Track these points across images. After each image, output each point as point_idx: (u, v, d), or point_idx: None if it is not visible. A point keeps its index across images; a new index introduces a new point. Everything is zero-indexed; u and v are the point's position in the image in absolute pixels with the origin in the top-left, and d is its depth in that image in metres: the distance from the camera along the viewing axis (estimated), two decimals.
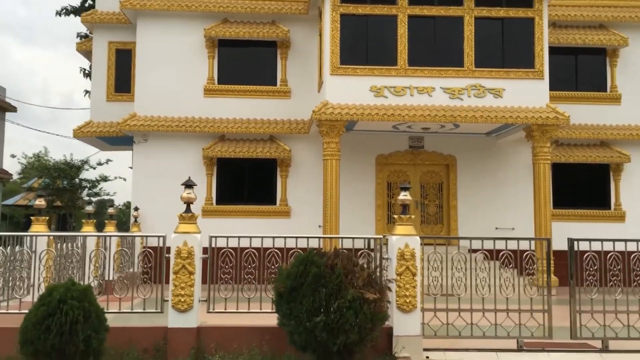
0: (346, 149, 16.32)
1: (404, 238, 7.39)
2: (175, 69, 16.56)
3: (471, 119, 14.32)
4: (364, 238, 7.78)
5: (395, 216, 7.67)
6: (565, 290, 8.46)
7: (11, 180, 41.86)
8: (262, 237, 7.50)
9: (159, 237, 7.83)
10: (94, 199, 41.82)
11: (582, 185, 17.15)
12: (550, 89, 16.71)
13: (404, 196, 7.51)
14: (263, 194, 16.65)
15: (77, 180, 36.99)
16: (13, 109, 31.78)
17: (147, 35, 16.55)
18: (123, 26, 17.34)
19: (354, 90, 14.45)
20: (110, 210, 15.47)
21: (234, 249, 8.04)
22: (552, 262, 14.01)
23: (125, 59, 17.45)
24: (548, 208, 14.62)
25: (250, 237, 7.65)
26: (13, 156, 37.99)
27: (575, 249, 8.34)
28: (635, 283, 8.07)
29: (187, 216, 7.60)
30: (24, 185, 41.22)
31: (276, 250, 7.62)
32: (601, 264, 7.96)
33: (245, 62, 16.80)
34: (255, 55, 16.82)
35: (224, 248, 7.75)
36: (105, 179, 39.89)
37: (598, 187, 17.12)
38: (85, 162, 37.61)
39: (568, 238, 8.18)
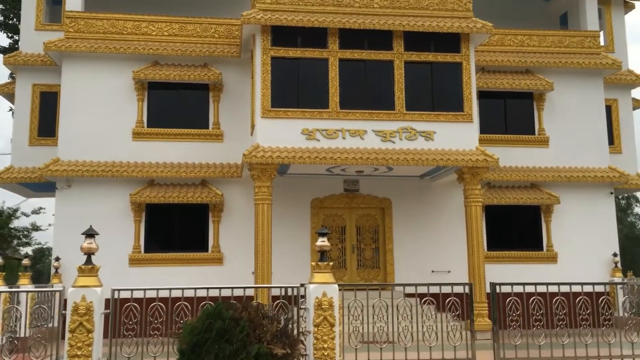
0: (280, 192, 16.03)
1: (322, 286, 7.04)
2: (103, 112, 16.01)
3: (403, 161, 14.29)
4: (280, 287, 7.39)
5: (313, 263, 7.33)
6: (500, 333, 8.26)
7: None
8: (169, 289, 7.02)
9: (54, 291, 7.22)
10: (24, 249, 39.86)
11: (515, 227, 17.30)
12: (481, 132, 17.11)
13: (322, 242, 7.19)
14: (194, 241, 16.04)
15: (5, 229, 35.22)
16: None
17: (72, 78, 15.99)
18: (48, 68, 16.75)
19: (286, 133, 14.26)
20: (25, 261, 14.54)
21: (143, 300, 7.50)
22: (485, 305, 14.10)
23: (50, 102, 16.79)
24: (481, 250, 14.61)
25: (157, 289, 7.15)
26: None
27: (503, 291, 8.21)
28: (558, 327, 7.93)
29: (87, 268, 7.01)
30: None
31: (185, 304, 7.13)
32: (523, 308, 7.80)
33: (176, 105, 16.43)
34: (187, 98, 16.48)
35: (129, 302, 7.20)
36: (37, 228, 38.13)
37: (530, 228, 17.30)
38: (15, 210, 35.92)
39: (490, 282, 8.03)
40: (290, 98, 14.50)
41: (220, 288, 7.17)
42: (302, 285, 7.40)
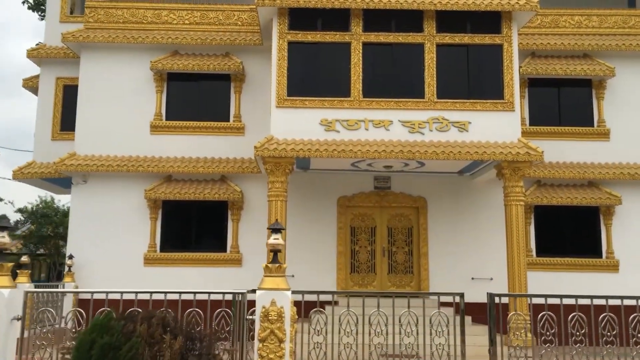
0: (304, 189, 14.97)
1: (270, 293, 5.80)
2: (121, 105, 15.41)
3: (432, 154, 12.77)
4: (222, 293, 6.22)
5: (263, 265, 6.11)
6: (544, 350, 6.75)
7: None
8: (91, 292, 5.99)
9: None
10: None
11: (568, 231, 15.36)
12: (530, 124, 15.42)
13: (275, 240, 5.97)
14: (212, 240, 15.16)
15: (61, 228, 35.85)
16: None
17: (90, 69, 15.49)
18: (71, 61, 16.30)
19: (303, 124, 13.08)
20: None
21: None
22: (527, 317, 12.36)
23: (74, 96, 16.21)
24: (522, 255, 12.83)
25: (77, 292, 6.15)
26: (1, 200, 37.12)
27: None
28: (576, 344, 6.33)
29: None
30: (17, 232, 40.24)
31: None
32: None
33: (196, 96, 15.61)
34: (207, 89, 15.63)
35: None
36: None
37: (587, 232, 15.30)
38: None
39: (488, 293, 6.55)
40: (308, 86, 13.31)
41: (137, 293, 6.06)
42: (252, 290, 6.21)
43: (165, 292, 6.15)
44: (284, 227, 6.51)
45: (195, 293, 6.21)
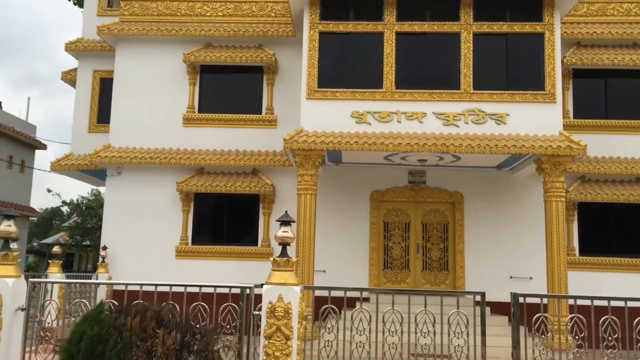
0: (336, 183, 14.69)
1: (277, 288, 5.54)
2: (154, 97, 15.44)
3: (467, 148, 12.28)
4: (229, 287, 5.99)
5: (271, 259, 5.85)
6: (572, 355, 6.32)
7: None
8: (95, 283, 5.82)
9: None
10: None
11: (615, 229, 14.59)
12: (575, 117, 14.74)
13: (284, 232, 5.71)
14: (244, 234, 15.03)
15: None
16: (43, 147, 31.84)
17: (125, 62, 15.57)
18: (108, 54, 16.44)
19: (333, 116, 12.78)
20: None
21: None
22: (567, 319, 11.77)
23: (110, 88, 16.38)
24: (562, 254, 12.22)
25: (81, 282, 5.99)
26: (49, 191, 38.24)
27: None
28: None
29: (0, 255, 5.98)
30: (65, 224, 41.38)
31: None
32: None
33: (228, 89, 15.49)
34: (240, 81, 15.49)
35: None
36: None
37: (635, 230, 14.49)
38: None
39: (511, 292, 6.13)
40: (339, 77, 12.99)
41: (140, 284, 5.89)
42: (260, 285, 5.95)
43: (171, 285, 5.98)
44: (293, 219, 6.23)
45: (200, 286, 6.01)
